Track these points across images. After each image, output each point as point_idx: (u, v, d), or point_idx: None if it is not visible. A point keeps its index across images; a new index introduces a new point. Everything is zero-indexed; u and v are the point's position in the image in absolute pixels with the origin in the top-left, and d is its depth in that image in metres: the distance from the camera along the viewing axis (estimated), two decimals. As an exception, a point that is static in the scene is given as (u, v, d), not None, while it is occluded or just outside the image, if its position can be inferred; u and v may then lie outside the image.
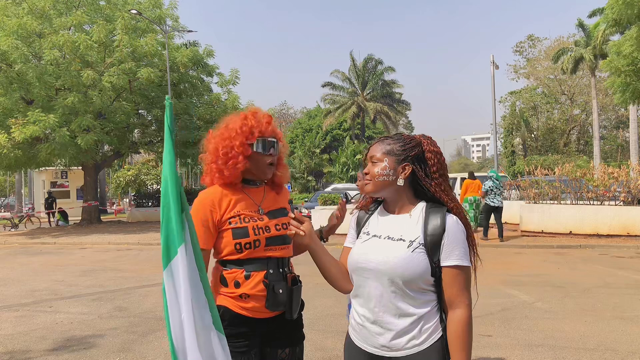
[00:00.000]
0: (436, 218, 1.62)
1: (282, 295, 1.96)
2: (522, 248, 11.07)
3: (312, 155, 46.66)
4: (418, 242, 1.60)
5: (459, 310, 1.58)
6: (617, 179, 11.74)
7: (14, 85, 16.99)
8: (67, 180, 27.97)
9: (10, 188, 45.46)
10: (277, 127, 2.14)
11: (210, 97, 21.84)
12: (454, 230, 1.60)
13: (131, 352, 4.60)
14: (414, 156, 1.68)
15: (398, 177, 1.68)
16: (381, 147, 1.72)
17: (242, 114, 2.09)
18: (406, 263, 1.57)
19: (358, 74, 44.82)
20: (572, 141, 43.27)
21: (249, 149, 2.01)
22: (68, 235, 16.84)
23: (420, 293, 1.60)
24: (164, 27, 19.88)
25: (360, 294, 1.70)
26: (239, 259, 1.97)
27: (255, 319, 1.97)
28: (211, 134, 2.12)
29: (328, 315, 5.65)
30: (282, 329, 2.04)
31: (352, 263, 1.72)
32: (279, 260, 2.02)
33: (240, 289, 1.95)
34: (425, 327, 1.60)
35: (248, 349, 1.96)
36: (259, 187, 2.12)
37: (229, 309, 1.95)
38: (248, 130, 2.02)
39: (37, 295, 7.32)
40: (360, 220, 1.83)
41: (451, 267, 1.58)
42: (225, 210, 1.99)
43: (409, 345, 1.60)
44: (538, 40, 42.85)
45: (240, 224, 1.97)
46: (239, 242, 1.95)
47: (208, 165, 2.07)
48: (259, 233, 1.98)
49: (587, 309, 5.72)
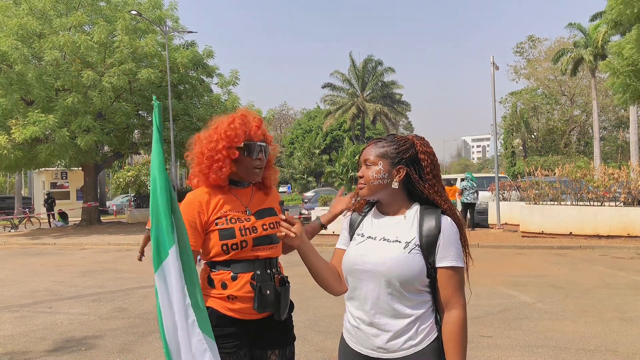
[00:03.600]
0: (431, 219, 1.62)
1: (269, 297, 1.95)
2: (522, 249, 11.07)
3: (312, 156, 46.68)
4: (414, 244, 1.60)
5: (454, 311, 1.59)
6: (617, 179, 11.74)
7: (14, 86, 17.00)
8: (67, 181, 27.99)
9: (10, 189, 45.48)
10: (267, 130, 2.13)
11: (210, 98, 21.84)
12: (448, 232, 1.60)
13: (131, 352, 4.60)
14: (407, 158, 1.68)
15: (393, 180, 1.67)
16: (375, 149, 1.71)
17: (230, 117, 2.07)
18: (403, 264, 1.57)
19: (358, 74, 44.84)
20: (572, 142, 43.29)
21: (235, 152, 2.01)
22: (68, 236, 16.84)
23: (416, 294, 1.61)
24: (164, 27, 19.89)
25: (355, 296, 1.69)
26: (225, 260, 1.96)
27: (244, 320, 1.97)
28: (198, 136, 2.11)
29: (328, 316, 5.65)
30: (271, 330, 2.03)
31: (347, 265, 1.71)
32: (266, 261, 2.01)
33: (228, 290, 1.95)
34: (421, 328, 1.60)
35: (237, 350, 1.95)
36: (247, 187, 2.12)
37: (217, 310, 1.94)
38: (233, 134, 2.00)
39: (36, 296, 7.32)
40: (353, 222, 1.82)
41: (446, 268, 1.59)
42: (212, 211, 1.99)
43: (405, 346, 1.59)
44: (538, 41, 42.91)
45: (227, 224, 1.97)
46: (225, 243, 1.95)
47: (194, 169, 2.07)
48: (246, 234, 1.97)
49: (588, 309, 5.72)
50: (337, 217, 2.33)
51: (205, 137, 2.07)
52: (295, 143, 48.32)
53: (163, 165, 1.81)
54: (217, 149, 2.00)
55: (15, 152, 16.62)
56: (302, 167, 46.26)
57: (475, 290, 1.76)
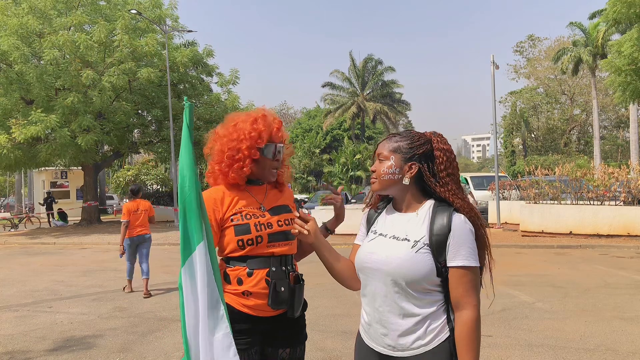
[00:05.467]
0: (442, 217, 1.57)
1: (284, 294, 1.96)
2: (522, 248, 11.07)
3: (312, 155, 46.63)
4: (423, 242, 1.56)
5: (465, 312, 1.54)
6: (617, 179, 11.74)
7: (13, 85, 17.00)
8: (67, 180, 27.95)
9: (10, 188, 45.50)
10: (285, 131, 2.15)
11: (210, 97, 21.82)
12: (460, 230, 1.55)
13: (131, 352, 4.60)
14: (421, 154, 1.64)
15: (404, 176, 1.65)
16: (389, 144, 1.68)
17: (252, 117, 2.06)
18: (409, 264, 1.54)
19: (358, 74, 44.79)
20: (572, 141, 43.28)
21: (257, 153, 2.02)
22: (68, 236, 16.83)
23: (425, 293, 1.57)
24: (163, 27, 19.88)
25: (366, 293, 1.69)
26: (241, 255, 1.97)
27: (257, 317, 1.98)
28: (217, 133, 2.10)
29: (328, 316, 5.65)
30: (284, 328, 2.04)
31: (358, 262, 1.71)
32: (281, 257, 2.02)
33: (243, 286, 1.95)
34: (431, 328, 1.57)
35: (248, 347, 1.96)
36: (261, 185, 2.13)
37: (231, 306, 1.95)
38: (257, 135, 2.01)
39: (37, 295, 7.32)
40: (370, 218, 1.81)
41: (457, 267, 1.54)
42: (227, 208, 2.00)
43: (414, 346, 1.57)
44: (538, 40, 42.86)
45: (242, 220, 1.98)
46: (241, 239, 1.95)
47: (212, 166, 2.07)
48: (261, 229, 1.98)
49: (588, 309, 5.72)
50: (342, 220, 2.27)
51: (225, 135, 2.05)
52: (295, 142, 48.27)
53: (193, 163, 1.82)
54: (240, 148, 2.00)
55: (15, 151, 16.62)
56: (302, 166, 46.22)
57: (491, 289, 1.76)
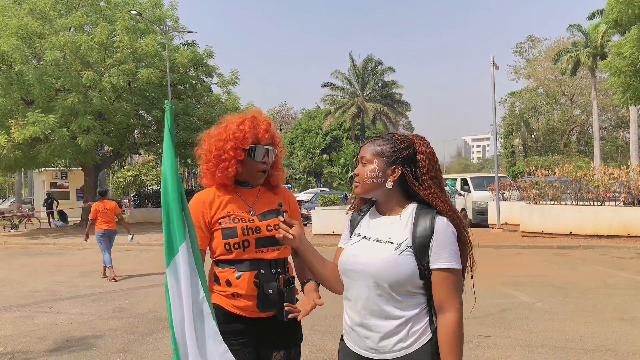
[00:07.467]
0: (425, 220, 1.58)
1: (272, 296, 1.96)
2: (522, 249, 11.07)
3: (312, 156, 46.65)
4: (406, 245, 1.57)
5: (448, 314, 1.55)
6: (617, 179, 11.75)
7: (13, 86, 16.99)
8: (67, 180, 27.93)
9: (10, 189, 45.47)
10: (276, 131, 2.14)
11: (210, 98, 21.82)
12: (442, 232, 1.56)
13: (131, 352, 4.60)
14: (404, 158, 1.64)
15: (387, 180, 1.65)
16: (371, 147, 1.69)
17: (241, 118, 2.08)
18: (392, 266, 1.55)
19: (358, 74, 44.81)
20: (572, 142, 43.29)
21: (242, 154, 2.02)
22: (68, 236, 16.83)
23: (408, 296, 1.57)
24: (164, 27, 19.89)
25: (348, 296, 1.69)
26: (230, 259, 1.99)
27: (250, 318, 1.98)
28: (208, 132, 2.13)
29: (328, 317, 5.64)
30: (277, 330, 2.03)
31: (341, 265, 1.71)
32: (271, 261, 2.02)
33: (232, 288, 1.97)
34: (413, 330, 1.57)
35: (242, 348, 1.96)
36: (253, 188, 2.13)
37: (223, 307, 1.96)
38: (241, 136, 2.02)
39: (36, 296, 7.32)
40: (353, 220, 1.81)
41: (440, 269, 1.55)
42: (216, 211, 2.02)
43: (396, 348, 1.57)
44: (538, 40, 42.86)
45: (230, 224, 1.99)
46: (227, 242, 1.97)
47: (202, 165, 2.11)
48: (248, 233, 1.98)
49: (588, 309, 5.72)
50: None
51: (214, 135, 2.09)
52: (295, 143, 48.27)
53: (175, 165, 1.83)
54: (225, 148, 2.02)
55: (15, 152, 16.60)
56: (302, 167, 46.24)
57: (472, 292, 1.75)
